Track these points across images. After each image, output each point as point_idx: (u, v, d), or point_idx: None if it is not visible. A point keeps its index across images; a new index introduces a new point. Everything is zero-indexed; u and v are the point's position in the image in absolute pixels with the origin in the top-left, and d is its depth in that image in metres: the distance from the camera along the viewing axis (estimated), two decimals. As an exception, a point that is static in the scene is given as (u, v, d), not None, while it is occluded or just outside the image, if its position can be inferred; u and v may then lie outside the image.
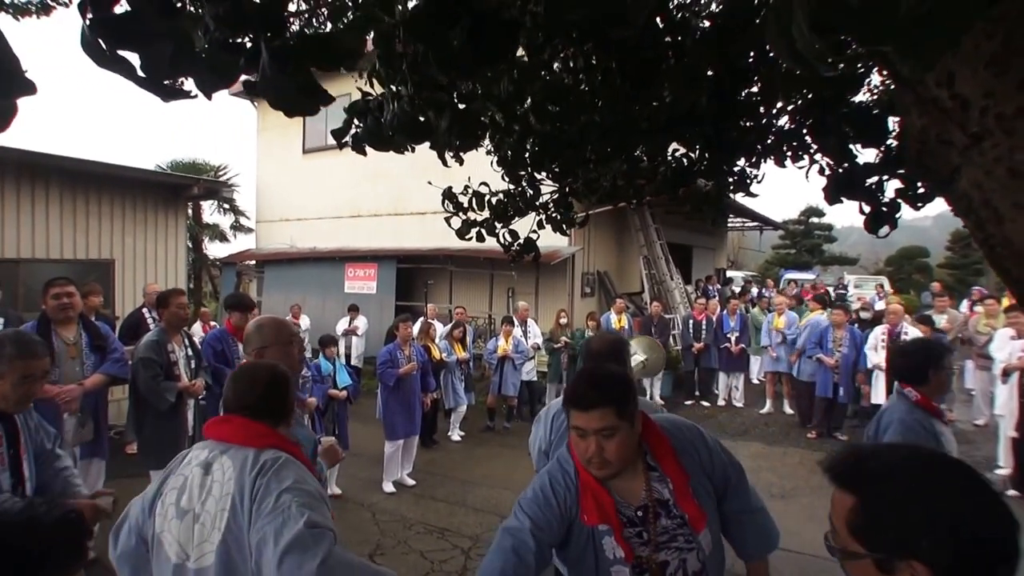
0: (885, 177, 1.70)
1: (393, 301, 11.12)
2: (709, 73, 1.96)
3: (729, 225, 19.09)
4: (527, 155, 2.49)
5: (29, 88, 0.80)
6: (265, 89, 0.79)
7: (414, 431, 5.93)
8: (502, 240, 2.79)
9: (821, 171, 1.95)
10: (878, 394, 6.74)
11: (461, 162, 2.00)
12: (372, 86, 1.75)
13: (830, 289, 16.12)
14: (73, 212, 6.89)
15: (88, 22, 0.83)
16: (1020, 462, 5.43)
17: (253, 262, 14.27)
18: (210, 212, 18.36)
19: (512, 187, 2.72)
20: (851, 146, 1.74)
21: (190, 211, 15.48)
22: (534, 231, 2.82)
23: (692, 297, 12.05)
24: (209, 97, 0.90)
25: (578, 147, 2.32)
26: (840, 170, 1.72)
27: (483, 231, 2.72)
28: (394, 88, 1.42)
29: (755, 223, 19.86)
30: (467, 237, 2.71)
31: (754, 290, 13.76)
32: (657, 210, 11.84)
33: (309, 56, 0.80)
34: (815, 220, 35.53)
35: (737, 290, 14.17)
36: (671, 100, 2.20)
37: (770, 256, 36.66)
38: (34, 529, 0.78)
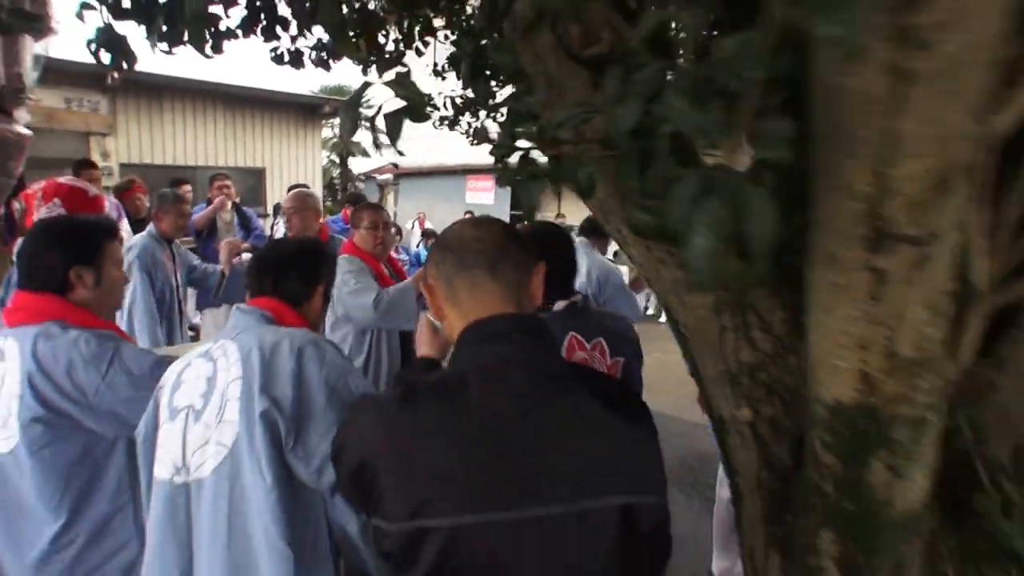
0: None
1: (508, 212, 11.76)
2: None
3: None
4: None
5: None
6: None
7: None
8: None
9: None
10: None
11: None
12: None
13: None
14: (234, 127, 8.28)
15: None
16: None
17: (391, 176, 15.57)
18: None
19: None
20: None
21: (336, 130, 17.08)
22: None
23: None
24: None
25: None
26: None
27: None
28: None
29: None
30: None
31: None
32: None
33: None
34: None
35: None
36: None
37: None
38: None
